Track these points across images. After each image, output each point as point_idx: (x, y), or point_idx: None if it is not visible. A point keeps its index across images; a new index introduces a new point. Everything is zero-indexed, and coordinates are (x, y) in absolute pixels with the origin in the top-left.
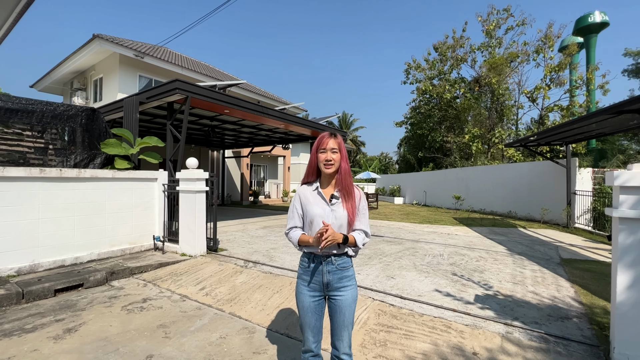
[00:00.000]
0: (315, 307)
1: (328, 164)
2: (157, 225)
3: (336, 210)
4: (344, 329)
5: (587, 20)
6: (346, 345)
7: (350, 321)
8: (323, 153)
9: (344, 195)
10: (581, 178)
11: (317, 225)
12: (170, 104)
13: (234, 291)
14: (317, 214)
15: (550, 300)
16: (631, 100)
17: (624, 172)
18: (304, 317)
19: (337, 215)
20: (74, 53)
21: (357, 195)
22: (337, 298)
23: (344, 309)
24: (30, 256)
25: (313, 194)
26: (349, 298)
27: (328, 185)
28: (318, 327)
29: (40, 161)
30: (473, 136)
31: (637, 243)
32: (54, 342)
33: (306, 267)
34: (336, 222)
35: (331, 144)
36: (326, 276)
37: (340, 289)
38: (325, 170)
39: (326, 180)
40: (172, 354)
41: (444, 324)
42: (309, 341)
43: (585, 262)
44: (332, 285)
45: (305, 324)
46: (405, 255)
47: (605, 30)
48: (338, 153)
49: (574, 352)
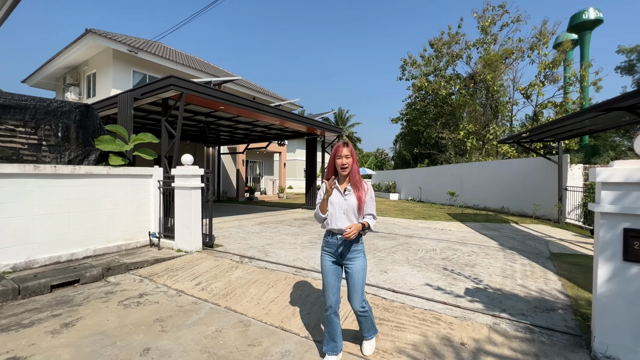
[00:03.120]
0: (333, 270)
1: (343, 168)
2: (153, 221)
3: (348, 199)
4: (355, 290)
5: (582, 17)
6: (357, 303)
7: (361, 285)
8: (339, 159)
9: (354, 188)
10: (572, 174)
11: (333, 208)
12: (165, 100)
13: (230, 286)
14: (334, 202)
15: (537, 293)
16: (620, 98)
17: (605, 169)
18: (325, 278)
19: (349, 203)
20: (66, 48)
21: (365, 188)
22: (349, 266)
23: (354, 275)
24: (25, 252)
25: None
26: (358, 266)
27: (343, 182)
28: (336, 287)
29: (34, 158)
30: (468, 132)
31: (617, 237)
32: (52, 336)
33: (327, 241)
34: (348, 207)
35: (345, 151)
36: (340, 248)
37: (352, 259)
38: (341, 172)
39: (342, 178)
40: (169, 347)
41: (434, 316)
42: (330, 299)
43: (574, 256)
44: (345, 256)
45: (326, 283)
46: (398, 250)
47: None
48: (350, 158)
49: (557, 342)
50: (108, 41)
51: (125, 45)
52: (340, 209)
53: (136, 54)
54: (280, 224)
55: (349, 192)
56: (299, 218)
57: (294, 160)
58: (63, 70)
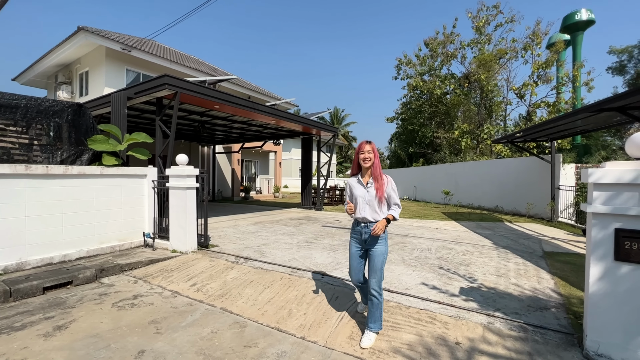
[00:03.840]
0: (358, 255)
1: (365, 161)
2: (147, 222)
3: (370, 191)
4: (374, 272)
5: (574, 17)
6: (375, 284)
7: (379, 267)
8: (362, 154)
9: (375, 180)
10: (565, 173)
11: (357, 201)
12: (159, 99)
13: (225, 287)
14: (358, 195)
15: (531, 291)
16: (612, 99)
17: (597, 170)
18: (350, 261)
19: (371, 194)
20: (58, 46)
21: (385, 180)
22: (372, 250)
23: (375, 258)
24: (17, 254)
25: (355, 182)
26: (379, 251)
27: (365, 175)
28: (359, 269)
29: (25, 158)
30: (462, 132)
31: (608, 237)
32: (44, 339)
33: (354, 228)
34: (370, 198)
35: (367, 148)
36: (364, 235)
37: (374, 244)
38: (363, 165)
39: (365, 171)
40: (164, 348)
41: (429, 315)
42: (353, 279)
43: (566, 255)
44: (368, 242)
45: (351, 266)
46: (394, 250)
47: (591, 28)
48: (372, 153)
49: (550, 340)
50: (101, 39)
51: (118, 43)
52: (363, 200)
53: (130, 52)
54: (276, 223)
55: (370, 185)
56: (295, 217)
57: (290, 159)
58: (55, 69)
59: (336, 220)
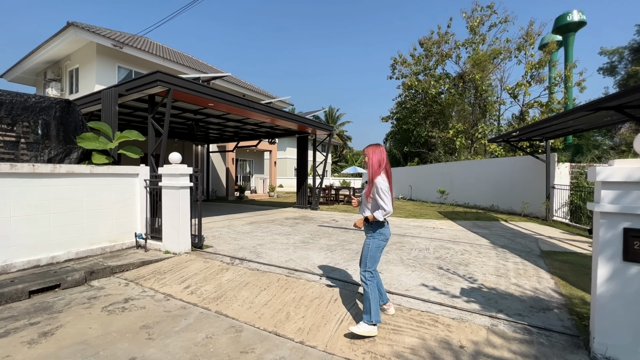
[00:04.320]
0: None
1: (367, 163)
2: (139, 222)
3: (365, 191)
4: (360, 258)
5: (566, 19)
6: (361, 269)
7: (365, 256)
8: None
9: (370, 181)
10: (559, 172)
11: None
12: (151, 96)
13: (220, 289)
14: (363, 193)
15: (532, 291)
16: (609, 97)
17: (605, 168)
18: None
19: (363, 194)
20: (47, 42)
21: (373, 184)
22: (365, 241)
23: (363, 248)
24: (1, 256)
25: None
26: (365, 243)
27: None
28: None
29: (11, 156)
30: (457, 131)
31: (617, 237)
32: (29, 347)
33: None
34: (362, 197)
35: (365, 151)
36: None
37: (366, 236)
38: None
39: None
40: (156, 355)
41: (431, 318)
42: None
43: (564, 254)
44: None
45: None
46: (392, 250)
47: (583, 29)
48: (367, 156)
49: (556, 343)
50: (91, 35)
51: (109, 39)
52: (362, 198)
53: (121, 49)
54: (271, 223)
55: (366, 185)
56: (291, 217)
57: (285, 158)
58: (44, 65)
59: (332, 220)
